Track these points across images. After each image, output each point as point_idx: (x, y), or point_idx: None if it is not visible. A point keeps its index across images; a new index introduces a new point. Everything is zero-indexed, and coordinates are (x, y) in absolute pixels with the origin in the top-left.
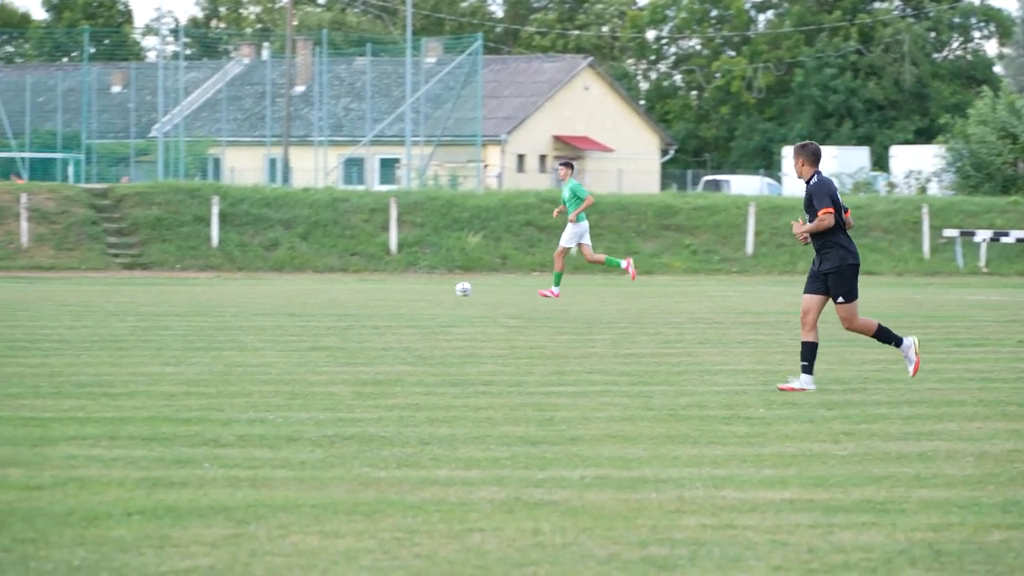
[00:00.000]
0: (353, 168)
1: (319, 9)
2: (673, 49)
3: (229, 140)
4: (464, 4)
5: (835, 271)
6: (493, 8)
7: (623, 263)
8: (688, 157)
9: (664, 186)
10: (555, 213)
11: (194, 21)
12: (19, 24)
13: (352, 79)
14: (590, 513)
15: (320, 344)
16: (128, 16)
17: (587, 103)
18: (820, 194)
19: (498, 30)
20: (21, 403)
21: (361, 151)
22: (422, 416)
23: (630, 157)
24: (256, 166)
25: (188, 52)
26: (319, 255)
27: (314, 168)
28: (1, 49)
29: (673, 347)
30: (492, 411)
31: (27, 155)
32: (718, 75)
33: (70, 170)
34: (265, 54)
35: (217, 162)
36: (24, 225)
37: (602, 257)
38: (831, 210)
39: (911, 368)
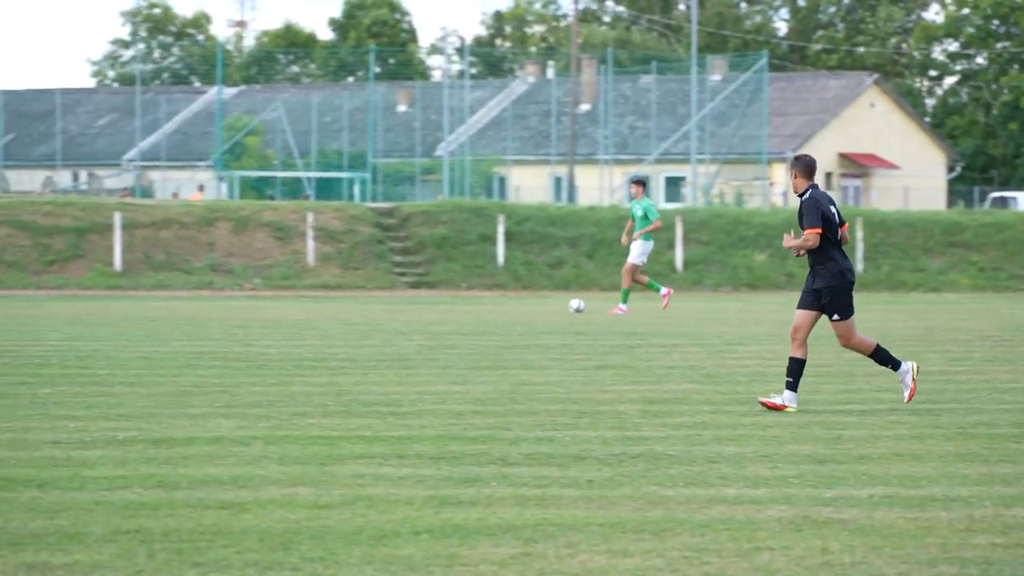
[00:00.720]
0: None
1: (604, 27)
2: (959, 65)
3: (514, 159)
4: (749, 22)
5: (828, 288)
6: (778, 25)
7: (663, 290)
8: (975, 174)
9: (951, 203)
10: (624, 239)
11: (479, 40)
12: (305, 44)
13: (637, 97)
14: (879, 532)
15: (607, 363)
16: (413, 35)
17: (873, 120)
18: (810, 211)
19: (783, 47)
20: (309, 422)
21: (646, 169)
22: (709, 434)
23: (916, 174)
24: (541, 184)
25: (473, 71)
26: (604, 273)
27: (599, 186)
28: (287, 69)
29: (961, 365)
30: (779, 429)
31: (313, 175)
32: (1005, 91)
33: (356, 189)
34: (550, 73)
35: (502, 181)
36: (310, 244)
37: (645, 279)
38: (818, 230)
39: (906, 394)
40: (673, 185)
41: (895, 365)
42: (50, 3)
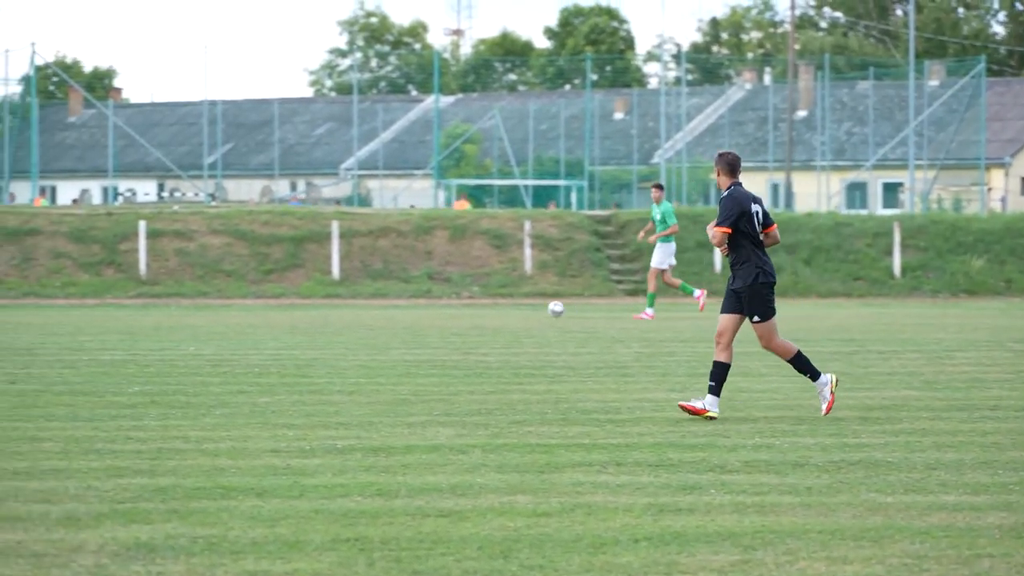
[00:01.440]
0: (856, 192)
1: (820, 33)
2: None
3: None
4: (967, 27)
5: (745, 288)
6: (996, 30)
7: (696, 293)
8: None
9: None
10: (640, 235)
11: (695, 47)
12: (521, 52)
13: (854, 103)
14: None
15: (825, 369)
16: (630, 43)
17: None
18: (725, 208)
19: (1001, 52)
20: (527, 430)
21: (864, 175)
22: (928, 441)
23: None
24: (758, 191)
25: (690, 78)
26: (822, 280)
27: (816, 193)
28: (504, 77)
29: None
30: (999, 436)
31: (530, 182)
32: None
33: (573, 196)
34: (767, 79)
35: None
36: (527, 252)
37: (677, 282)
38: (727, 229)
39: (824, 406)
40: (890, 191)
41: (814, 375)
42: (268, 14)
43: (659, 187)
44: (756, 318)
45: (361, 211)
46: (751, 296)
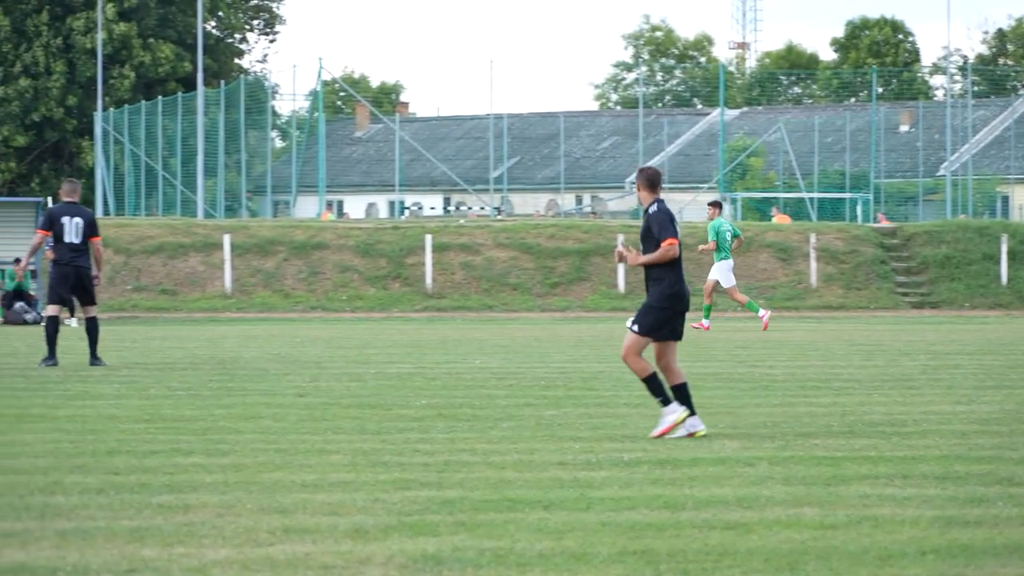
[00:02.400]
0: None
1: None
2: None
3: (1017, 177)
4: None
5: (653, 305)
6: None
7: (760, 312)
8: None
9: None
10: (699, 249)
11: (981, 58)
12: (807, 65)
13: None
14: None
15: None
16: (915, 55)
17: None
18: (664, 223)
19: None
20: (814, 443)
21: None
22: None
23: None
24: None
25: (975, 89)
26: None
27: None
28: (789, 90)
29: None
30: None
31: (815, 195)
32: None
33: (858, 209)
34: None
35: (1005, 200)
36: (813, 265)
37: (744, 299)
38: (676, 240)
39: (656, 430)
40: None
41: (664, 401)
42: (554, 28)
43: (715, 205)
44: (635, 327)
45: None
46: (648, 308)
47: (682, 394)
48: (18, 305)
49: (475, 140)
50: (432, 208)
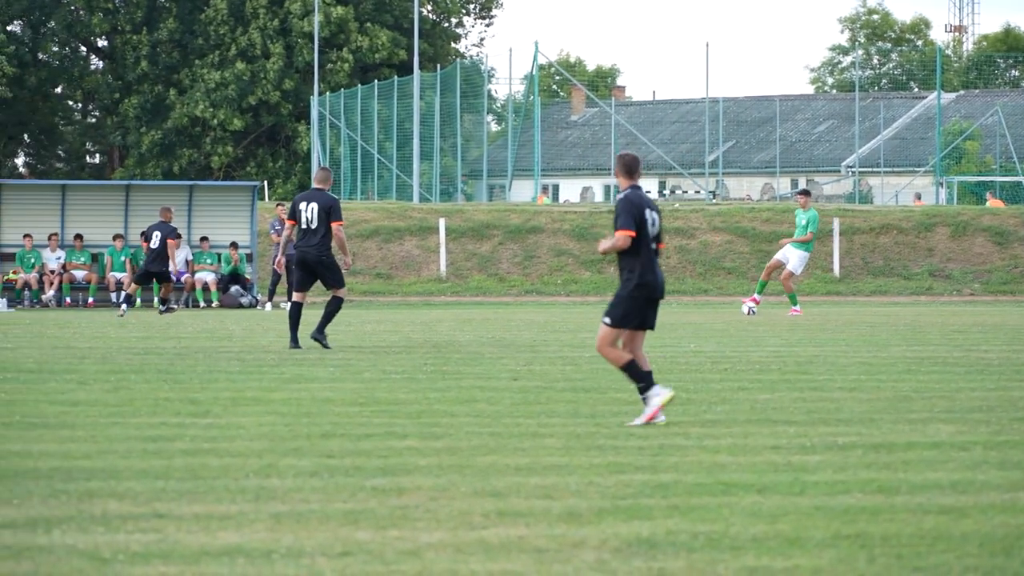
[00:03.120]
0: None
1: None
2: None
3: None
4: None
5: (623, 297)
6: None
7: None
8: None
9: None
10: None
11: None
12: None
13: None
14: None
15: None
16: None
17: None
18: (625, 212)
19: None
20: None
21: None
22: None
23: None
24: None
25: None
26: None
27: None
28: (1007, 73)
29: None
30: None
31: None
32: None
33: None
34: None
35: None
36: None
37: (794, 287)
38: (631, 232)
39: (643, 417)
40: None
41: (646, 386)
42: (770, 11)
43: (805, 193)
44: (607, 319)
45: (862, 208)
46: (618, 299)
47: (637, 373)
48: (234, 289)
49: (690, 124)
50: (648, 192)
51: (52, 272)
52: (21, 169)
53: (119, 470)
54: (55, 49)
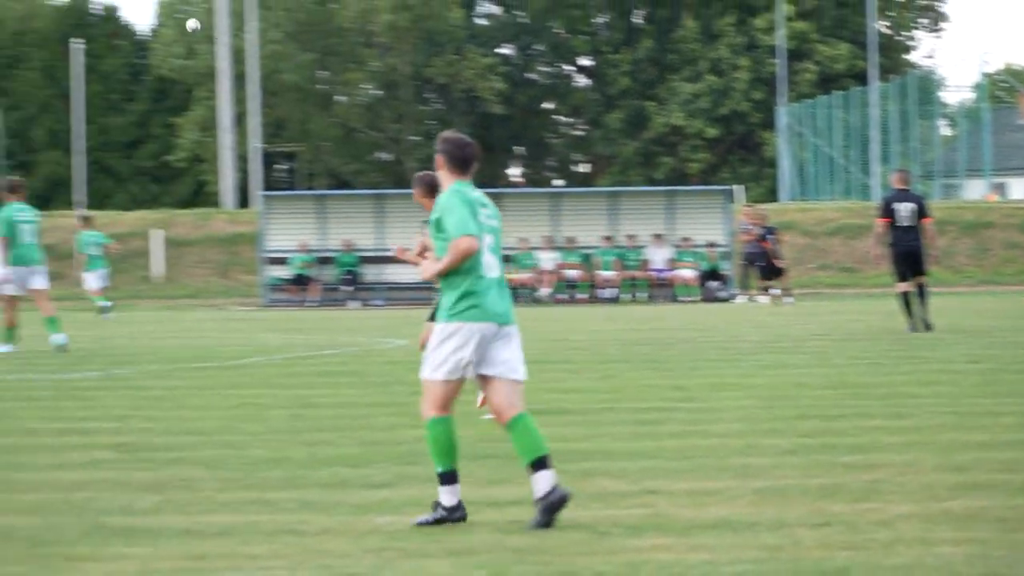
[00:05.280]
0: None
1: None
2: None
3: None
4: None
5: None
6: None
7: None
8: None
9: None
10: None
11: None
12: None
13: None
14: None
15: None
16: None
17: None
18: None
19: None
20: None
21: None
22: None
23: None
24: None
25: None
26: None
27: None
28: None
29: None
30: None
31: None
32: None
33: None
34: None
35: None
36: None
37: None
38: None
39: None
40: None
41: None
42: None
43: None
44: None
45: None
46: None
47: None
48: (713, 284)
49: None
50: None
51: (546, 272)
52: (517, 178)
53: (612, 451)
54: (543, 69)
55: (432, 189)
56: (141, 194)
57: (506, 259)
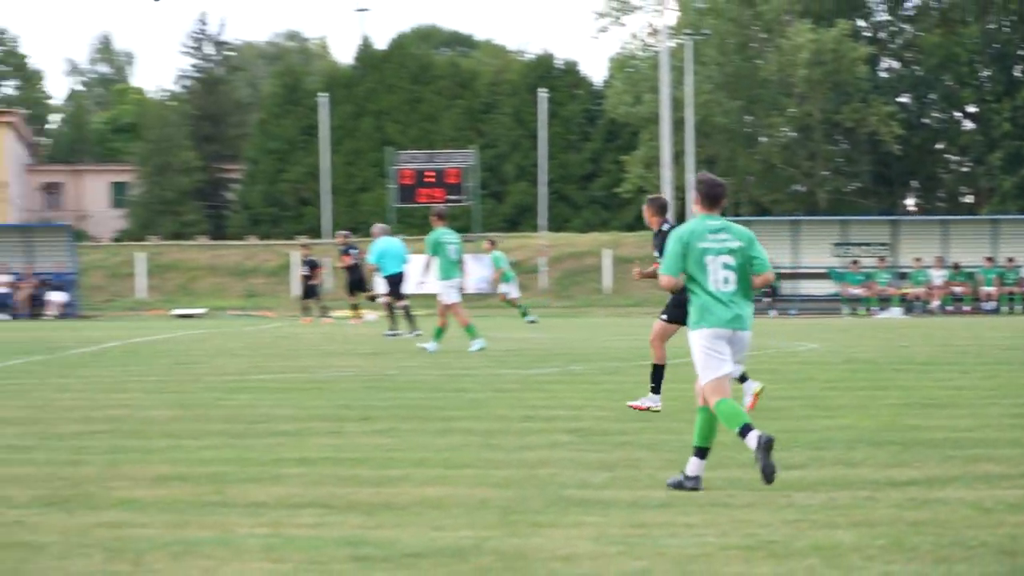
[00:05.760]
0: None
1: None
2: None
3: None
4: None
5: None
6: None
7: None
8: None
9: None
10: None
11: None
12: None
13: None
14: None
15: None
16: None
17: None
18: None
19: None
20: None
21: None
22: None
23: None
24: None
25: None
26: None
27: None
28: None
29: None
30: None
31: None
32: None
33: None
34: None
35: None
36: None
37: None
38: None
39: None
40: None
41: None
42: None
43: None
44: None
45: None
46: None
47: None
48: None
49: None
50: None
51: (936, 287)
52: (912, 208)
53: (995, 440)
54: (935, 115)
55: (661, 209)
56: (594, 219)
57: (902, 276)
